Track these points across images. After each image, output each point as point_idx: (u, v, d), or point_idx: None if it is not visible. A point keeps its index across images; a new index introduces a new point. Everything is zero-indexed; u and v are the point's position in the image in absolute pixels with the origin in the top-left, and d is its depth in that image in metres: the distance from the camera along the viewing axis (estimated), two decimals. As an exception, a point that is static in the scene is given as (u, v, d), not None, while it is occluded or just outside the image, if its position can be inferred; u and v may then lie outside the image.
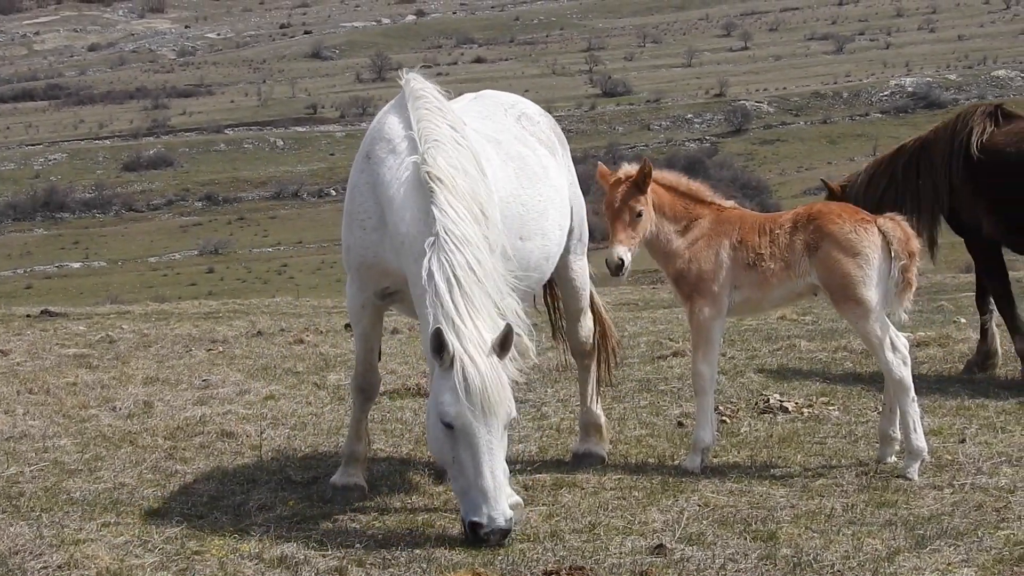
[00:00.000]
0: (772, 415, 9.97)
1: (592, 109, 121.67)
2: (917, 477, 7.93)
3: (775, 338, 13.89)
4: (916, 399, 8.17)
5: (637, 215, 8.24)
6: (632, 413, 10.33)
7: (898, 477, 7.97)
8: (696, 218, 8.45)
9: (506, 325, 6.82)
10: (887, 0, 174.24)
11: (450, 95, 8.09)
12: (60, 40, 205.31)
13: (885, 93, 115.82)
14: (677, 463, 8.53)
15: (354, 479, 8.00)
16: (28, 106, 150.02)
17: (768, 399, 10.37)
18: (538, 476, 8.33)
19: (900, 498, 7.53)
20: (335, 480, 8.04)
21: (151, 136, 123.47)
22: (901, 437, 8.22)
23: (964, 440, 8.88)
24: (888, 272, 8.11)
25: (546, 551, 6.72)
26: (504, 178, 7.96)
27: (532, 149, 8.44)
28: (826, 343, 13.24)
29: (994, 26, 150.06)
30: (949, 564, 6.33)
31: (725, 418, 9.77)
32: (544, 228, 8.19)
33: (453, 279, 6.92)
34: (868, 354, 10.88)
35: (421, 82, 7.80)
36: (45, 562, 6.59)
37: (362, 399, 8.06)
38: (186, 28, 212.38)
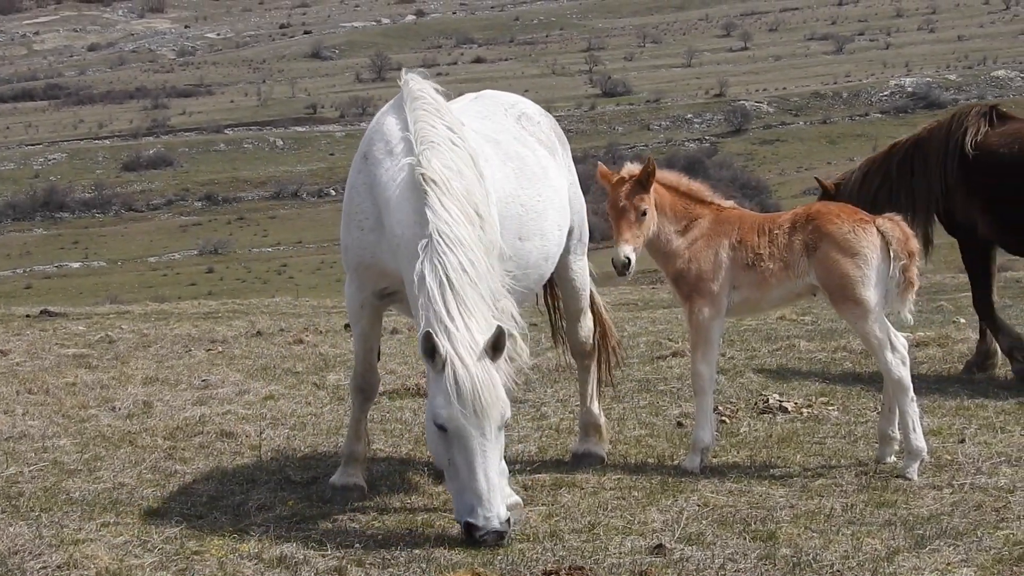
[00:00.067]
0: (771, 415, 9.98)
1: (592, 109, 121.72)
2: (916, 477, 7.93)
3: (774, 338, 13.90)
4: (915, 399, 8.17)
5: (642, 214, 8.23)
6: (631, 413, 10.33)
7: (897, 477, 7.97)
8: (696, 218, 8.44)
9: (497, 327, 6.80)
10: (887, 0, 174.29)
11: (449, 95, 8.09)
12: (60, 40, 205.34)
13: (885, 93, 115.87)
14: (676, 463, 8.53)
15: (353, 479, 8.00)
16: (28, 106, 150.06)
17: (767, 399, 10.37)
18: (537, 476, 8.33)
19: (899, 498, 7.53)
20: (334, 480, 8.04)
21: (151, 136, 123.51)
22: (900, 437, 8.23)
23: (963, 440, 8.88)
24: (887, 272, 8.11)
25: (545, 551, 6.72)
26: (503, 178, 7.96)
27: (531, 149, 8.43)
28: (825, 343, 13.24)
29: (994, 26, 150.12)
30: (948, 564, 6.33)
31: (724, 418, 9.78)
32: (543, 228, 8.19)
33: (445, 281, 6.92)
34: (867, 354, 10.88)
35: (419, 83, 7.80)
36: (44, 562, 6.59)
37: (361, 399, 8.06)
38: (186, 28, 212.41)
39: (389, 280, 7.62)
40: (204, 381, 12.34)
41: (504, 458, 7.50)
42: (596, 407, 8.99)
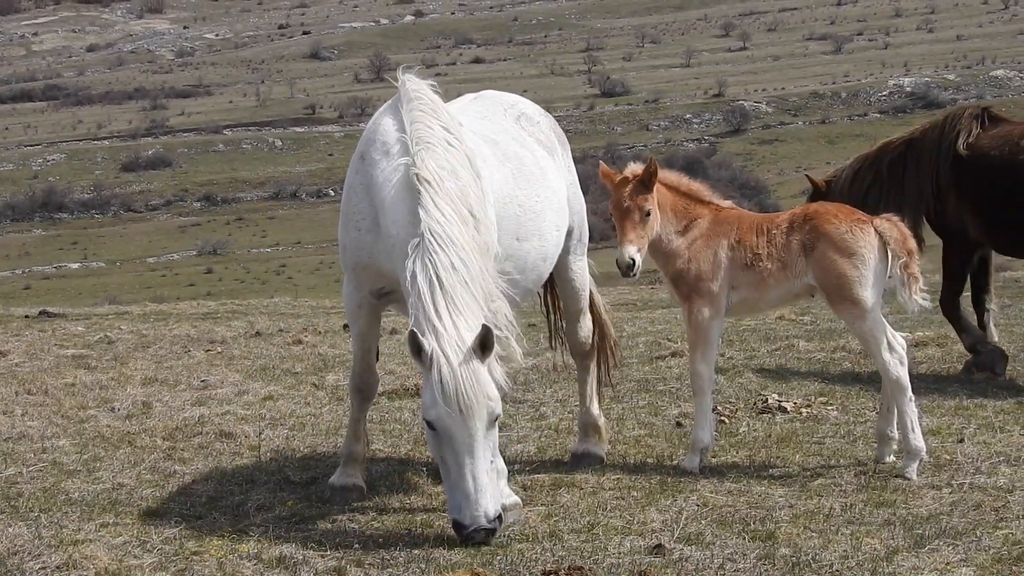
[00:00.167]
0: (771, 415, 9.98)
1: (591, 109, 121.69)
2: (916, 477, 7.93)
3: (773, 338, 13.90)
4: (913, 399, 8.17)
5: (646, 214, 8.21)
6: (631, 413, 10.33)
7: (897, 477, 7.97)
8: (695, 218, 8.44)
9: (483, 327, 6.79)
10: (885, 0, 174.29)
11: (446, 96, 8.07)
12: (58, 41, 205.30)
13: (884, 93, 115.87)
14: (676, 463, 8.53)
15: (353, 479, 8.00)
16: (27, 107, 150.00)
17: (767, 399, 10.37)
18: (537, 476, 8.33)
19: (899, 498, 7.53)
20: (334, 480, 8.04)
21: (149, 136, 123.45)
22: (899, 437, 8.23)
23: (963, 440, 8.88)
24: (885, 272, 8.11)
25: (545, 551, 6.73)
26: (501, 179, 7.96)
27: (530, 150, 8.43)
28: (824, 343, 13.24)
29: (992, 26, 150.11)
30: (948, 563, 6.33)
31: (724, 418, 9.77)
32: (541, 229, 8.18)
33: (435, 280, 6.93)
34: (866, 354, 10.88)
35: (416, 83, 7.80)
36: (44, 563, 6.59)
37: (360, 399, 8.07)
38: (184, 29, 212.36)
39: (386, 280, 7.62)
40: (203, 382, 12.33)
41: (503, 458, 7.53)
42: (595, 407, 8.99)
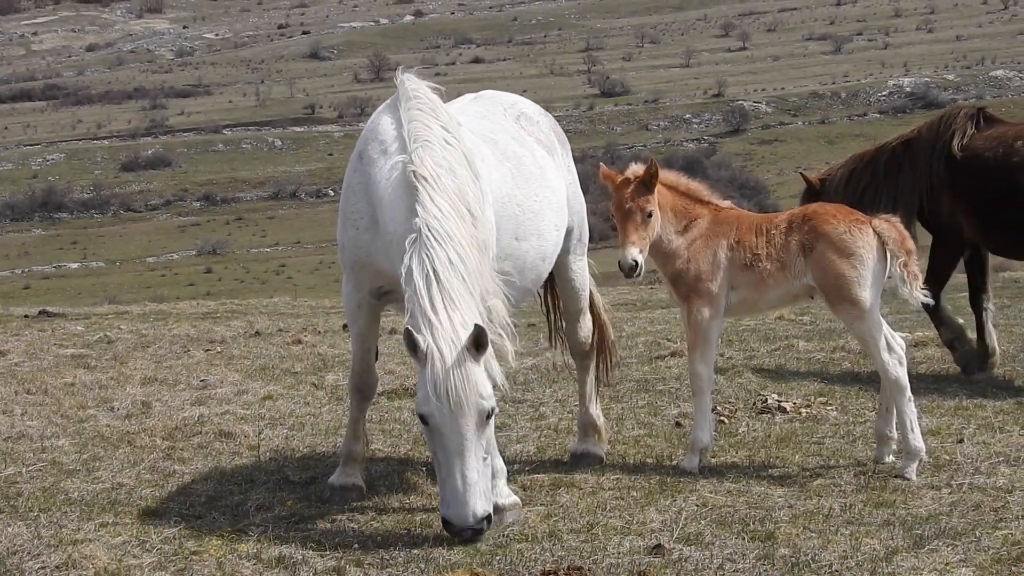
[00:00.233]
0: (770, 415, 9.98)
1: (590, 109, 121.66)
2: (915, 477, 7.93)
3: (773, 338, 13.90)
4: (912, 399, 8.17)
5: (648, 215, 8.21)
6: (630, 413, 10.33)
7: (896, 477, 7.97)
8: (695, 218, 8.44)
9: (475, 326, 6.79)
10: (885, 0, 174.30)
11: (446, 96, 8.07)
12: (58, 40, 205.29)
13: (883, 93, 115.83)
14: (675, 463, 8.53)
15: (352, 479, 8.00)
16: (26, 106, 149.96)
17: (766, 399, 10.38)
18: (536, 476, 8.33)
19: (898, 498, 7.53)
20: (333, 480, 8.04)
21: (149, 136, 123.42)
22: (898, 437, 8.23)
23: (962, 440, 8.88)
24: (883, 273, 8.12)
25: (544, 551, 6.73)
26: (499, 178, 7.96)
27: (529, 150, 8.42)
28: (824, 343, 13.24)
29: (992, 26, 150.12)
30: (947, 564, 6.33)
31: (723, 418, 9.77)
32: (540, 228, 8.18)
33: (432, 274, 6.92)
34: (865, 354, 10.88)
35: (415, 82, 7.80)
36: (43, 562, 6.59)
37: (359, 399, 8.07)
38: (184, 28, 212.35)
39: (385, 279, 7.62)
40: (203, 381, 12.34)
41: (503, 458, 7.54)
42: (595, 407, 8.99)
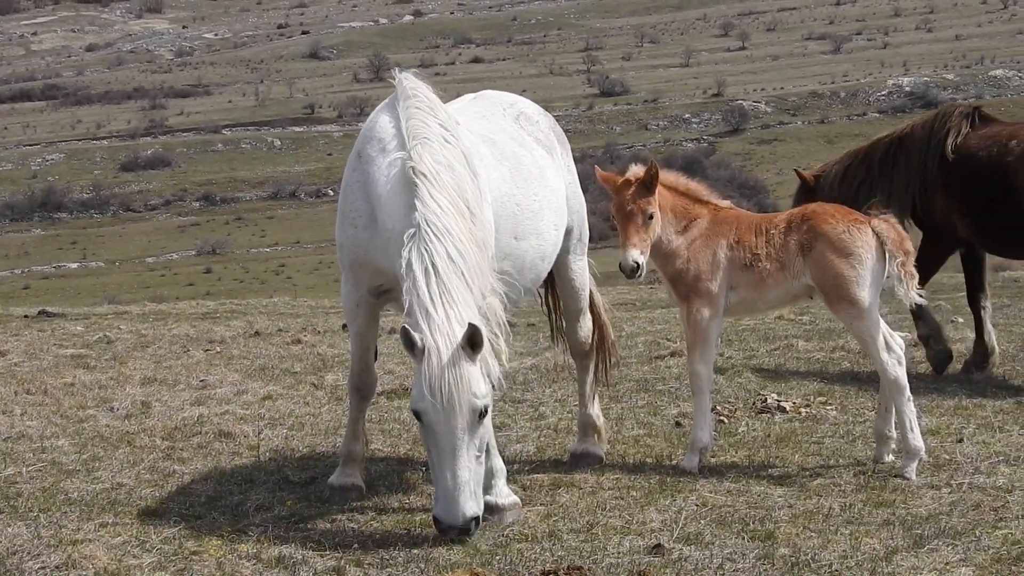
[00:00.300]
0: (770, 415, 9.98)
1: (590, 109, 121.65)
2: (915, 476, 7.93)
3: (772, 338, 13.90)
4: (912, 398, 8.17)
5: (649, 217, 8.21)
6: (630, 413, 10.33)
7: (896, 476, 7.97)
8: (695, 218, 8.44)
9: (469, 324, 6.78)
10: (884, 0, 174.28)
11: (444, 96, 8.07)
12: (58, 40, 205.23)
13: (883, 93, 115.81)
14: (675, 463, 8.53)
15: (352, 479, 7.99)
16: (26, 106, 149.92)
17: (766, 399, 10.38)
18: (536, 476, 8.33)
19: (898, 497, 7.53)
20: (333, 480, 8.04)
21: (149, 136, 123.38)
22: (898, 436, 8.23)
23: (962, 440, 8.89)
24: (882, 272, 8.12)
25: (544, 551, 6.73)
26: (498, 178, 7.96)
27: (528, 149, 8.42)
28: (823, 343, 13.24)
29: (991, 26, 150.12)
30: (947, 563, 6.33)
31: (723, 418, 9.78)
32: (539, 228, 8.18)
33: (431, 268, 6.91)
34: (865, 354, 10.89)
35: (413, 82, 7.81)
36: (43, 562, 6.59)
37: (358, 399, 8.06)
38: (184, 28, 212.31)
39: (384, 277, 7.61)
40: (202, 381, 12.33)
41: (502, 458, 7.54)
42: (594, 407, 8.99)
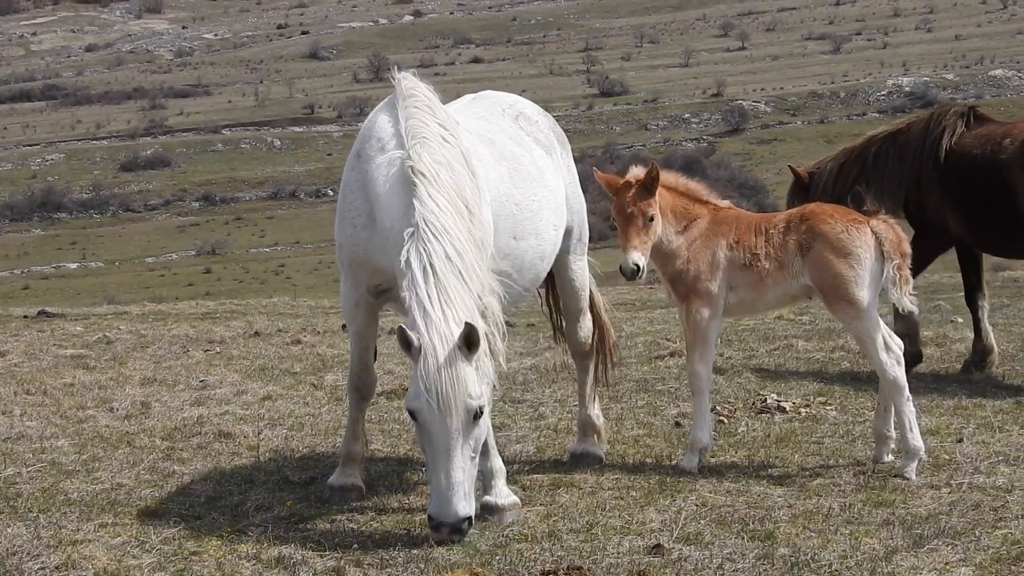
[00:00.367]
0: (769, 415, 9.98)
1: (589, 109, 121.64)
2: (915, 476, 7.93)
3: (772, 338, 13.90)
4: (911, 398, 8.17)
5: (650, 219, 8.21)
6: (630, 413, 10.33)
7: (896, 476, 7.97)
8: (694, 218, 8.44)
9: (466, 324, 6.77)
10: (884, 0, 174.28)
11: (443, 96, 8.08)
12: (57, 41, 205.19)
13: (882, 93, 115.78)
14: (675, 463, 8.53)
15: (351, 479, 7.99)
16: (25, 107, 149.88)
17: (765, 399, 10.38)
18: (536, 476, 8.33)
19: (898, 497, 7.53)
20: (332, 480, 8.04)
21: (148, 136, 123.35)
22: (897, 436, 8.23)
23: (962, 440, 8.88)
24: (880, 273, 8.12)
25: (544, 551, 6.73)
26: (497, 178, 7.96)
27: (528, 150, 8.42)
28: (823, 343, 13.24)
29: (991, 26, 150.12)
30: (947, 563, 6.33)
31: (722, 418, 9.78)
32: (538, 228, 8.18)
33: (429, 267, 6.92)
34: (864, 354, 10.89)
35: (412, 81, 7.81)
36: (43, 563, 6.59)
37: (358, 399, 8.06)
38: (183, 29, 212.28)
39: (383, 277, 7.61)
40: (202, 382, 12.33)
41: (502, 458, 7.54)
42: (594, 407, 8.99)
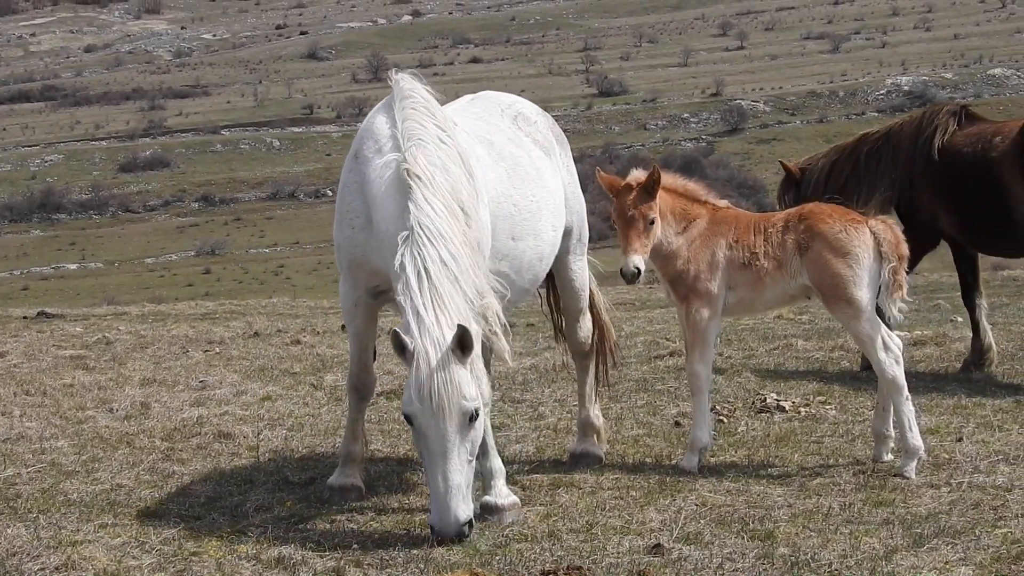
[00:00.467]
0: (769, 414, 9.98)
1: (588, 109, 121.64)
2: (914, 476, 7.93)
3: (772, 337, 13.90)
4: (910, 398, 8.17)
5: (650, 223, 8.22)
6: (629, 413, 10.33)
7: (895, 476, 7.97)
8: (694, 219, 8.44)
9: (459, 326, 6.77)
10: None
11: (443, 96, 8.08)
12: (56, 41, 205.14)
13: (881, 92, 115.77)
14: (674, 463, 8.53)
15: (351, 480, 7.99)
16: (24, 107, 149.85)
17: (765, 398, 10.38)
18: (535, 476, 8.33)
19: (897, 497, 7.53)
20: (332, 481, 8.04)
21: (147, 137, 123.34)
22: (897, 436, 8.23)
23: (961, 439, 8.88)
24: (879, 273, 8.11)
25: (544, 551, 6.73)
26: (495, 179, 7.96)
27: (526, 150, 8.42)
28: (823, 342, 13.25)
29: (990, 24, 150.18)
30: (947, 562, 6.33)
31: (722, 418, 9.78)
32: (537, 228, 8.18)
33: (423, 272, 6.92)
34: (863, 353, 10.89)
35: (410, 82, 7.82)
36: (42, 563, 6.59)
37: (357, 399, 8.06)
38: (182, 29, 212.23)
39: (381, 278, 7.61)
40: (201, 382, 12.33)
41: (501, 458, 7.55)
42: (594, 407, 8.99)
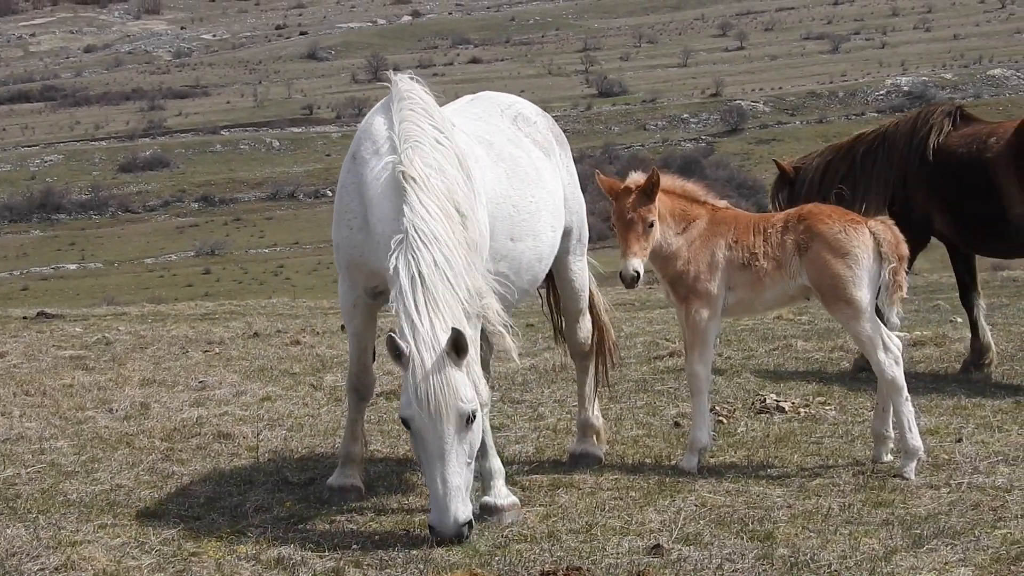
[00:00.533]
0: (768, 415, 9.98)
1: (588, 109, 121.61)
2: (914, 476, 7.94)
3: (771, 338, 13.90)
4: (910, 398, 8.17)
5: (649, 226, 8.22)
6: (629, 413, 10.33)
7: (895, 476, 7.97)
8: (693, 219, 8.45)
9: (453, 330, 6.77)
10: (882, 0, 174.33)
11: (442, 97, 8.08)
12: (56, 42, 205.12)
13: (881, 92, 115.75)
14: (674, 463, 8.53)
15: (351, 480, 8.00)
16: (24, 107, 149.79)
17: (764, 399, 10.38)
18: (535, 476, 8.33)
19: (897, 497, 7.53)
20: (332, 481, 8.04)
21: (147, 137, 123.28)
22: (896, 436, 8.23)
23: (961, 439, 8.88)
24: (878, 273, 8.11)
25: (543, 551, 6.73)
26: (494, 179, 7.97)
27: (525, 151, 8.42)
28: (822, 343, 13.25)
29: (989, 25, 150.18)
30: (946, 563, 6.34)
31: (722, 418, 9.78)
32: (536, 229, 8.18)
33: (417, 276, 6.93)
34: (862, 354, 10.89)
35: (408, 83, 7.82)
36: (42, 564, 6.59)
37: (357, 399, 8.07)
38: (182, 29, 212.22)
39: (379, 279, 7.61)
40: (201, 382, 12.33)
41: (501, 458, 7.55)
42: (594, 408, 9.00)
